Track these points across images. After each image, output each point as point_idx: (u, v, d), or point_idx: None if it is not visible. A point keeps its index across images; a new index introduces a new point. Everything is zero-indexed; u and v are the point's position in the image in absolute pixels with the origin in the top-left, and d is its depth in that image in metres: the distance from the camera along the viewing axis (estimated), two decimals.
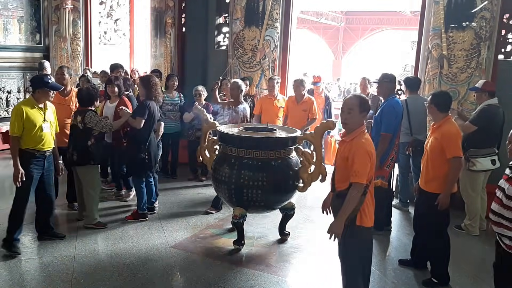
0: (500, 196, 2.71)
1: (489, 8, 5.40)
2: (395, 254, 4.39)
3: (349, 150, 2.85)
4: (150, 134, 4.81)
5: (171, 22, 7.61)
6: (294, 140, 4.24)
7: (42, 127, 3.99)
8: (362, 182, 2.78)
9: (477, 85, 4.80)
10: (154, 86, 4.83)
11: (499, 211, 2.70)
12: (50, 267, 3.79)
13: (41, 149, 4.02)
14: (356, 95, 3.03)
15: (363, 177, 2.77)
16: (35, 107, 3.99)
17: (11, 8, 8.09)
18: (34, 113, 3.96)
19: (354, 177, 2.78)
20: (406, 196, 5.68)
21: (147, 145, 4.79)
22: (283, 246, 4.45)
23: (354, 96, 3.01)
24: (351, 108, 2.89)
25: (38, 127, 3.96)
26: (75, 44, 8.53)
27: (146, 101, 4.80)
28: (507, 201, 2.64)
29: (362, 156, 2.80)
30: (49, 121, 4.09)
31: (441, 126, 3.73)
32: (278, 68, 6.95)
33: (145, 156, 4.79)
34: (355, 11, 27.31)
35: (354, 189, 2.79)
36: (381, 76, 4.77)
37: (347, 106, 2.92)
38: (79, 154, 4.50)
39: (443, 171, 3.64)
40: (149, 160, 4.85)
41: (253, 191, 4.06)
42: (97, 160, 4.61)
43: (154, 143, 4.93)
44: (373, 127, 4.75)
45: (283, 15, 6.84)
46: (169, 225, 4.84)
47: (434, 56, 5.74)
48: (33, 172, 3.98)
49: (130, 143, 4.91)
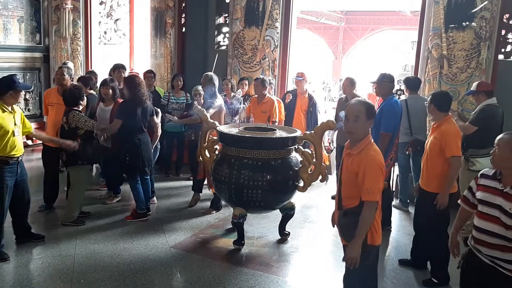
0: (497, 215, 2.50)
1: (489, 8, 5.40)
2: (395, 254, 4.39)
3: (358, 165, 2.59)
4: (133, 135, 4.73)
5: (171, 22, 7.61)
6: (294, 140, 4.24)
7: (14, 132, 3.80)
8: (376, 200, 2.55)
9: (472, 88, 4.79)
10: (137, 86, 4.74)
11: (500, 232, 2.49)
12: (50, 267, 3.79)
13: (14, 156, 3.81)
14: (361, 100, 2.72)
15: (376, 194, 2.54)
16: (5, 111, 3.76)
17: (11, 8, 8.09)
18: (6, 117, 3.74)
19: (367, 195, 2.54)
20: (406, 196, 5.68)
21: (130, 147, 4.75)
22: (283, 246, 4.45)
23: (359, 102, 2.70)
24: (357, 116, 2.62)
25: (10, 133, 3.75)
26: (75, 44, 8.52)
27: (128, 102, 4.76)
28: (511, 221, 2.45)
29: (374, 171, 2.55)
30: (18, 125, 3.89)
31: (440, 125, 3.74)
32: (278, 68, 6.95)
33: (126, 158, 4.76)
34: (355, 11, 27.30)
35: (368, 208, 2.55)
36: (380, 76, 4.77)
37: (353, 113, 2.63)
38: (67, 155, 4.52)
39: (443, 170, 3.64)
40: (134, 162, 4.80)
41: (253, 191, 4.06)
42: (84, 160, 4.58)
43: (144, 144, 4.85)
44: (372, 127, 4.75)
45: (283, 15, 6.84)
46: (169, 225, 4.84)
47: (434, 56, 5.74)
48: (7, 180, 3.80)
49: (114, 144, 4.89)
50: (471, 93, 4.79)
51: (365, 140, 2.64)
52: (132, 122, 4.71)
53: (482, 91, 4.66)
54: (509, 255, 2.49)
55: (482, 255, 2.59)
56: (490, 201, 2.55)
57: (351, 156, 2.68)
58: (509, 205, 2.45)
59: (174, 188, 6.18)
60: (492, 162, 2.62)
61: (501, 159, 2.53)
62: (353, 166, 2.62)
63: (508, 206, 2.46)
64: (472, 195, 2.72)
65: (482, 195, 2.62)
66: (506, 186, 2.51)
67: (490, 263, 2.55)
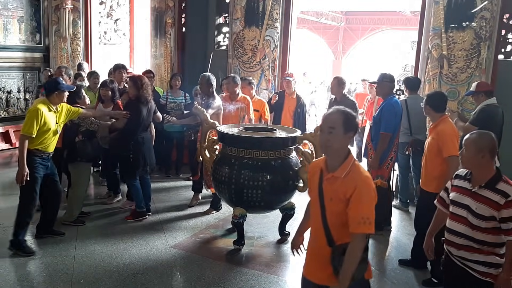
0: (465, 215, 2.49)
1: (489, 8, 5.40)
2: (395, 254, 4.39)
3: (350, 189, 2.13)
4: (136, 134, 4.78)
5: (171, 22, 7.61)
6: (294, 140, 4.24)
7: (55, 131, 4.07)
8: (372, 232, 2.12)
9: (472, 89, 4.79)
10: (145, 87, 4.81)
11: (467, 233, 2.48)
12: (50, 267, 3.79)
13: (45, 151, 4.04)
14: (339, 109, 2.23)
15: (373, 225, 2.10)
16: (51, 110, 4.03)
17: (11, 8, 8.10)
18: (50, 116, 4.00)
19: (363, 226, 2.08)
20: (406, 196, 5.68)
21: (134, 144, 4.77)
22: (283, 246, 4.45)
23: (336, 111, 2.22)
24: (332, 127, 2.16)
25: (51, 131, 4.01)
26: (75, 44, 8.52)
27: (135, 101, 4.80)
28: (478, 221, 2.43)
29: (371, 197, 2.14)
30: (59, 124, 4.15)
31: (437, 126, 3.76)
32: (278, 68, 6.94)
33: (130, 155, 4.79)
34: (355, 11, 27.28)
35: (359, 241, 2.10)
36: (380, 76, 4.77)
37: (327, 123, 2.18)
38: (68, 151, 4.60)
39: (441, 170, 3.64)
40: (137, 160, 4.82)
41: (253, 191, 4.06)
42: (84, 157, 4.62)
43: (146, 143, 4.90)
44: (372, 127, 4.76)
45: (283, 15, 6.84)
46: (169, 225, 4.84)
47: (434, 56, 5.74)
48: (40, 172, 4.01)
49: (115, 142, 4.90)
50: (471, 94, 4.79)
51: (350, 159, 2.20)
52: (137, 121, 4.76)
53: (482, 92, 4.66)
54: (476, 256, 2.47)
55: (453, 256, 2.59)
56: (459, 201, 2.55)
57: (336, 180, 2.19)
58: (476, 205, 2.45)
59: (174, 188, 6.18)
60: (461, 162, 2.60)
61: (468, 159, 2.51)
62: (343, 191, 2.14)
63: (475, 205, 2.45)
64: (447, 196, 2.72)
65: (453, 195, 2.62)
66: (474, 186, 2.50)
67: (460, 264, 2.55)
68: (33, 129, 3.86)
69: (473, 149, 2.47)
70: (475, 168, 2.51)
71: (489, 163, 2.48)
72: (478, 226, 2.44)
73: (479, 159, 2.46)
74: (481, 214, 2.42)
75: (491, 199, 2.41)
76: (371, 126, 4.86)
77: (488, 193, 2.43)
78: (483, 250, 2.46)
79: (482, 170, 2.48)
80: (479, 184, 2.48)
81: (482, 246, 2.46)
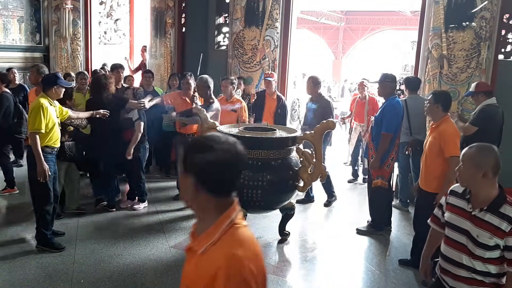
0: (464, 243, 2.16)
1: (489, 8, 5.40)
2: (395, 254, 4.39)
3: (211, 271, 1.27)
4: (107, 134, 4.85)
5: (171, 22, 7.61)
6: (294, 140, 4.24)
7: (58, 124, 4.13)
8: None
9: (471, 89, 4.79)
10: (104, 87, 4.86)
11: (467, 263, 2.15)
12: (50, 267, 3.79)
13: (54, 146, 4.09)
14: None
15: None
16: (51, 104, 4.06)
17: (11, 8, 8.09)
18: (52, 110, 4.05)
19: None
20: (406, 196, 5.68)
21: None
22: (283, 246, 4.45)
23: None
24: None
25: (54, 124, 4.06)
26: (75, 44, 8.52)
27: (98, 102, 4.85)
28: (480, 250, 2.10)
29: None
30: (59, 118, 4.23)
31: (439, 125, 3.75)
32: (278, 68, 6.94)
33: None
34: (355, 11, 27.29)
35: None
36: (382, 76, 4.77)
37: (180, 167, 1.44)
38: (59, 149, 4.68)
39: (442, 170, 3.65)
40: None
41: (253, 191, 4.05)
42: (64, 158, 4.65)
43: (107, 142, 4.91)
44: (373, 127, 4.76)
45: (283, 15, 6.83)
46: (169, 225, 4.85)
47: (434, 56, 5.73)
48: (51, 168, 4.06)
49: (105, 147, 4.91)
50: (470, 94, 4.78)
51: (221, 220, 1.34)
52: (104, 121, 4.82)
53: (481, 92, 4.66)
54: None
55: (449, 286, 2.27)
56: (457, 224, 2.21)
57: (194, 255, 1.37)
58: (477, 231, 2.11)
59: (174, 188, 6.16)
60: (458, 180, 2.25)
61: (466, 177, 2.17)
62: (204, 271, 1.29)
63: (476, 232, 2.11)
64: (442, 214, 2.38)
65: (449, 216, 2.28)
66: (475, 208, 2.15)
67: None
68: (42, 124, 3.89)
69: (472, 166, 2.13)
70: (475, 188, 2.17)
71: (491, 182, 2.13)
72: (481, 256, 2.11)
73: (479, 178, 2.12)
74: (483, 243, 2.08)
75: (494, 225, 2.08)
76: (371, 126, 4.86)
77: (491, 217, 2.09)
78: (485, 282, 2.14)
79: (483, 190, 2.14)
80: (481, 207, 2.13)
81: (485, 278, 2.13)
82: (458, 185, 2.29)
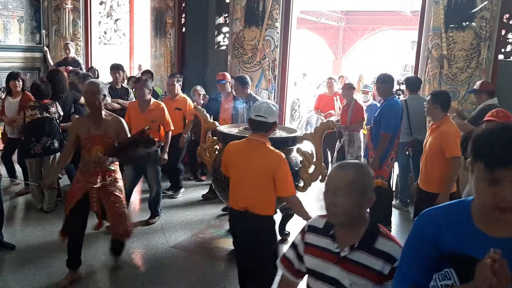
0: None
1: (489, 8, 5.40)
2: None
3: None
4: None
5: (171, 22, 7.61)
6: (294, 140, 4.23)
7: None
8: None
9: (475, 87, 4.80)
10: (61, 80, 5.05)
11: None
12: (50, 267, 3.79)
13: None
14: None
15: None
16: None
17: (11, 8, 8.09)
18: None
19: None
20: (406, 196, 5.68)
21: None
22: (283, 246, 4.45)
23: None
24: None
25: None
26: (75, 44, 8.52)
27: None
28: None
29: None
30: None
31: (440, 126, 3.75)
32: (278, 68, 6.94)
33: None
34: (355, 11, 27.27)
35: None
36: (380, 76, 4.78)
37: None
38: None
39: (442, 171, 3.64)
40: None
41: None
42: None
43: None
44: (372, 127, 4.76)
45: (283, 15, 6.83)
46: (169, 225, 4.84)
47: (434, 56, 5.73)
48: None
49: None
50: (473, 92, 4.79)
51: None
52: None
53: (485, 91, 4.66)
54: None
55: None
56: (322, 271, 1.65)
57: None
58: (349, 278, 1.56)
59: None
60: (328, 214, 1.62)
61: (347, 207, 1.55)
62: None
63: (348, 280, 1.57)
64: (297, 257, 1.77)
65: (310, 261, 1.70)
66: (342, 246, 1.59)
67: None
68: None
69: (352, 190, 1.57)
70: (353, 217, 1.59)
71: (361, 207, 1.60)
72: None
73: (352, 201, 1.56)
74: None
75: (370, 266, 1.55)
76: (371, 127, 4.86)
77: (364, 257, 1.56)
78: None
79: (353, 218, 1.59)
80: (350, 244, 1.58)
81: None
82: (317, 217, 1.73)
